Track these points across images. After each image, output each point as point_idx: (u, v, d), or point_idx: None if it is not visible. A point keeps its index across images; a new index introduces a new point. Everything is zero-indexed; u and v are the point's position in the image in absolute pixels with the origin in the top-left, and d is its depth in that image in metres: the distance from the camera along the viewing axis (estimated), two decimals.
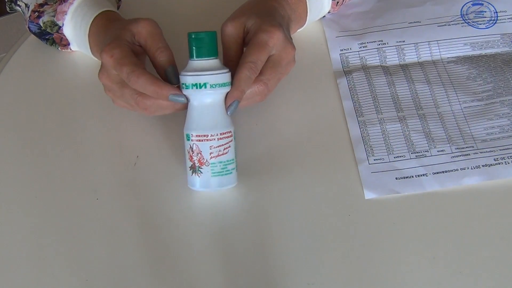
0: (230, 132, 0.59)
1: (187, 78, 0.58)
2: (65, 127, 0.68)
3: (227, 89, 0.58)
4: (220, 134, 0.58)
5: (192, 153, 0.58)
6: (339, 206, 0.60)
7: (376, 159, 0.63)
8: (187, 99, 0.58)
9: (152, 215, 0.61)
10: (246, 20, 0.61)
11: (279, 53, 0.60)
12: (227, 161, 0.58)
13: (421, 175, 0.62)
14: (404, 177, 0.62)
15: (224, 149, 0.58)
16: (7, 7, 0.73)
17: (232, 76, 0.59)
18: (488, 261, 0.57)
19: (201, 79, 0.57)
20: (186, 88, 0.58)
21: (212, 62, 0.58)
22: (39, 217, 0.62)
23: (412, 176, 0.62)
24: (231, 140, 0.59)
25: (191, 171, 0.59)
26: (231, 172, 0.59)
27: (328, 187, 0.62)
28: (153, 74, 0.57)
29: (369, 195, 0.61)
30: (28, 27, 0.71)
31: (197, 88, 0.57)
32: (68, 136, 0.67)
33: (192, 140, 0.58)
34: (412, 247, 0.58)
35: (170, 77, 0.59)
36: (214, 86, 0.57)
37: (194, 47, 0.58)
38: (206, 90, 0.57)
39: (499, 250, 0.57)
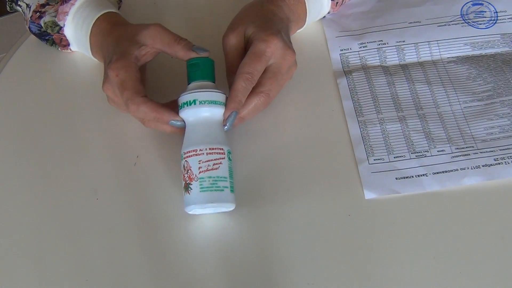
0: (222, 149, 0.58)
1: (180, 98, 0.59)
2: (65, 127, 0.68)
3: (219, 108, 0.59)
4: (210, 149, 0.57)
5: (184, 171, 0.58)
6: (339, 206, 0.60)
7: (376, 159, 0.63)
8: (185, 122, 0.59)
9: (152, 215, 0.61)
10: (245, 29, 0.61)
11: (278, 61, 0.60)
12: (217, 177, 0.57)
13: (421, 175, 0.62)
14: (404, 177, 0.62)
15: (214, 164, 0.57)
16: (7, 6, 0.73)
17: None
18: (488, 261, 0.57)
19: (191, 96, 0.58)
20: (181, 108, 0.59)
21: (206, 83, 0.60)
22: (39, 217, 0.62)
23: (412, 176, 0.62)
24: (223, 158, 0.58)
25: (184, 190, 0.58)
26: (222, 190, 0.57)
27: (328, 187, 0.62)
28: (152, 100, 0.58)
29: (369, 195, 0.61)
30: (29, 28, 0.71)
31: (187, 105, 0.58)
32: (68, 136, 0.67)
33: (183, 158, 0.58)
34: (412, 247, 0.58)
35: (198, 51, 0.60)
36: (203, 102, 0.58)
37: (189, 71, 0.60)
38: (196, 107, 0.58)
39: (499, 250, 0.57)
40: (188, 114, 0.59)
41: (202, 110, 0.58)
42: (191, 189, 0.57)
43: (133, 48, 0.60)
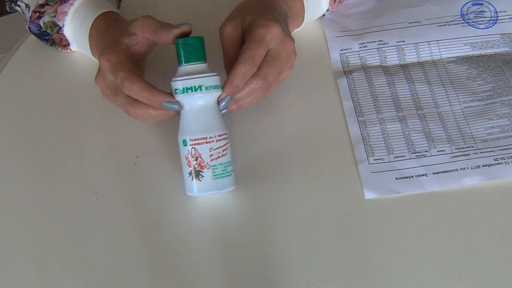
0: (226, 134, 0.59)
1: (179, 83, 0.57)
2: (65, 127, 0.68)
3: (219, 91, 0.58)
4: (218, 135, 0.58)
5: (191, 158, 0.58)
6: (339, 206, 0.60)
7: (376, 159, 0.63)
8: (181, 105, 0.58)
9: (152, 215, 0.61)
10: (243, 19, 0.61)
11: (277, 47, 0.60)
12: (227, 162, 0.58)
13: (421, 175, 0.62)
14: (404, 177, 0.62)
15: (223, 151, 0.58)
16: (7, 6, 0.73)
17: None
18: (488, 261, 0.57)
19: (195, 82, 0.57)
20: (180, 93, 0.57)
21: (202, 66, 0.58)
22: (39, 217, 0.62)
23: (412, 176, 0.62)
24: (228, 142, 0.59)
25: (190, 177, 0.58)
26: (230, 174, 0.59)
27: (328, 187, 0.62)
28: (148, 82, 0.57)
29: (369, 195, 0.61)
30: (28, 28, 0.71)
31: (192, 91, 0.57)
32: (68, 136, 0.67)
33: (190, 144, 0.57)
34: (412, 247, 0.58)
35: (179, 25, 0.58)
36: (208, 88, 0.57)
37: (183, 52, 0.58)
38: (200, 93, 0.57)
39: (499, 250, 0.57)
40: (188, 100, 0.58)
41: (205, 96, 0.58)
42: (203, 176, 0.57)
43: (123, 38, 0.60)
